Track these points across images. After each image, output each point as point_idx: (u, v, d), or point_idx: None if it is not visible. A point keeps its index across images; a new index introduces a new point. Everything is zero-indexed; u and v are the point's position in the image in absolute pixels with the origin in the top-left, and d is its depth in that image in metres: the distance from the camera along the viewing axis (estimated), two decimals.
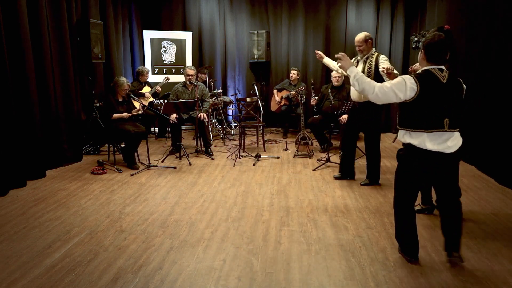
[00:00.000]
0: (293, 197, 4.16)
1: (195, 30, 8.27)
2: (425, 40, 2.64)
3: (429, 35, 2.66)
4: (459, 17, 5.75)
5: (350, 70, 2.84)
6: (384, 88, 2.62)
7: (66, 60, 5.35)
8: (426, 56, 2.62)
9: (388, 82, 2.64)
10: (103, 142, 6.28)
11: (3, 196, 4.16)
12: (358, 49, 4.38)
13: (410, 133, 2.61)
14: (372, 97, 2.69)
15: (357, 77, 2.76)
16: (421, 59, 2.67)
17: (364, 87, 2.71)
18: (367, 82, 2.72)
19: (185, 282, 2.56)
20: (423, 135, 2.56)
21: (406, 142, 2.64)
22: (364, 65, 4.35)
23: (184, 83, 6.26)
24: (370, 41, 4.34)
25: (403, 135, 2.67)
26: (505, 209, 3.82)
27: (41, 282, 2.56)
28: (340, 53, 2.97)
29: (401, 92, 2.55)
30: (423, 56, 2.64)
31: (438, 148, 2.55)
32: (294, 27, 8.21)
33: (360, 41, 4.34)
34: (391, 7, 7.83)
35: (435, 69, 2.59)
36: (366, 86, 2.70)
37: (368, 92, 2.70)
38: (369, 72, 4.29)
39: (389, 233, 3.27)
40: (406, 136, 2.64)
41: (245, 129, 6.38)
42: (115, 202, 4.00)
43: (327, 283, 2.56)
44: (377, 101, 2.71)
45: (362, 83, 2.72)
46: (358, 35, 4.39)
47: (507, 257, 2.88)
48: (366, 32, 4.43)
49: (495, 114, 4.74)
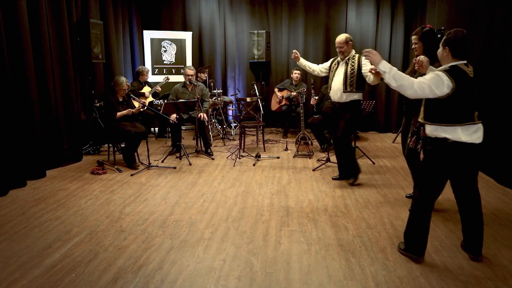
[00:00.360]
0: (293, 197, 4.16)
1: (195, 30, 8.27)
2: (448, 37, 2.67)
3: (451, 32, 2.69)
4: (459, 17, 5.75)
5: (383, 66, 2.72)
6: (422, 84, 2.60)
7: (66, 60, 5.35)
8: (452, 52, 2.66)
9: (424, 78, 2.63)
10: (103, 142, 6.28)
11: (3, 196, 4.16)
12: (339, 51, 4.38)
13: (443, 127, 2.64)
14: (410, 93, 2.65)
15: (393, 73, 2.67)
16: (445, 55, 2.70)
17: (403, 83, 2.64)
18: (406, 78, 2.66)
19: (185, 282, 2.56)
20: (457, 129, 2.62)
21: (440, 136, 2.66)
22: (346, 67, 4.34)
23: (183, 83, 6.26)
24: (350, 42, 4.37)
25: (435, 130, 2.68)
26: (505, 209, 3.82)
27: (41, 282, 2.56)
28: (367, 49, 2.84)
29: (438, 88, 2.57)
30: (447, 53, 2.68)
31: (470, 139, 2.63)
32: (294, 27, 8.21)
33: (341, 42, 4.34)
34: (391, 7, 7.83)
35: (462, 64, 2.66)
36: (405, 83, 2.64)
37: (407, 88, 2.64)
38: (352, 73, 4.29)
39: (389, 233, 3.27)
40: (439, 131, 2.66)
41: (245, 129, 6.38)
42: (115, 202, 4.00)
43: (327, 283, 2.56)
44: (413, 97, 2.68)
45: (401, 79, 2.66)
46: (339, 36, 4.39)
47: (507, 257, 2.88)
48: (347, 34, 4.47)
49: (495, 114, 4.74)
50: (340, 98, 4.41)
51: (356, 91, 4.33)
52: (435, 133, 2.69)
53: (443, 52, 2.71)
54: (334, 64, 4.54)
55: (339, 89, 4.38)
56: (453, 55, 2.66)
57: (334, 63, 4.55)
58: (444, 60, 2.73)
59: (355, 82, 4.30)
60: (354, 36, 8.08)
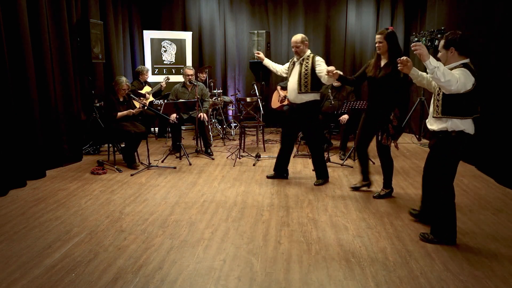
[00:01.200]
0: (293, 197, 4.16)
1: (195, 30, 8.27)
2: (452, 38, 2.86)
3: (449, 34, 2.89)
4: (459, 17, 5.75)
5: (432, 61, 2.74)
6: (460, 80, 2.75)
7: (66, 60, 5.35)
8: (459, 51, 2.86)
9: (457, 75, 2.76)
10: (103, 142, 6.28)
11: (3, 196, 4.16)
12: (295, 51, 4.33)
13: (462, 120, 2.88)
14: (454, 88, 2.75)
15: (442, 69, 2.72)
16: (451, 56, 2.88)
17: (451, 78, 2.72)
18: (451, 74, 2.75)
19: (185, 282, 2.56)
20: (469, 121, 2.90)
21: (459, 129, 2.88)
22: (301, 67, 4.29)
23: (183, 83, 6.26)
24: (306, 42, 4.34)
25: (453, 123, 2.88)
26: (505, 209, 3.82)
27: (41, 282, 2.56)
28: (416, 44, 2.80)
29: (467, 84, 2.76)
30: (453, 52, 2.87)
31: (472, 131, 2.94)
32: (294, 27, 8.21)
33: (297, 42, 4.29)
34: (391, 7, 7.83)
35: (469, 62, 2.88)
36: (452, 78, 2.73)
37: (452, 84, 2.73)
38: (306, 73, 4.26)
39: (389, 233, 3.27)
40: (458, 124, 2.88)
41: (245, 129, 6.39)
42: (115, 202, 4.00)
43: (327, 283, 2.56)
44: (454, 91, 2.79)
45: (449, 74, 2.73)
46: (295, 36, 4.34)
47: (507, 257, 2.88)
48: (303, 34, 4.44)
49: (495, 114, 4.74)
50: (295, 99, 4.37)
51: (311, 91, 4.28)
52: (453, 127, 2.88)
53: (448, 53, 2.88)
54: (291, 65, 4.49)
55: (294, 90, 4.34)
56: (460, 53, 2.86)
57: (291, 63, 4.49)
58: (450, 61, 2.89)
59: (310, 83, 4.25)
60: (354, 36, 8.12)
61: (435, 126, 3.00)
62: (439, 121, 2.95)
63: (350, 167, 5.26)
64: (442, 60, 2.92)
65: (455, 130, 2.89)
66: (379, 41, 3.77)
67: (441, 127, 2.94)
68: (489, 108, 4.88)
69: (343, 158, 5.61)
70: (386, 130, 3.81)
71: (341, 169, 5.23)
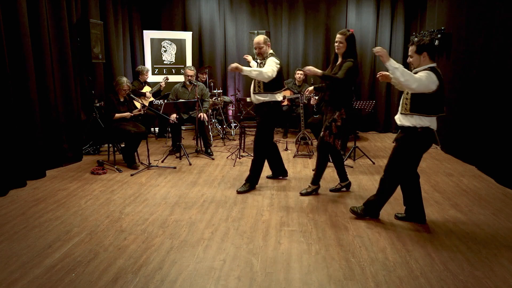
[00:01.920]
0: (293, 197, 4.16)
1: (195, 30, 8.27)
2: (425, 42, 3.16)
3: (425, 38, 3.22)
4: (459, 17, 5.75)
5: (392, 63, 3.05)
6: (421, 81, 3.03)
7: (66, 60, 5.35)
8: (430, 55, 3.16)
9: (420, 76, 3.06)
10: (103, 142, 6.28)
11: (3, 196, 4.16)
12: (258, 52, 4.27)
13: (427, 118, 3.15)
14: (413, 87, 3.04)
15: (401, 69, 3.02)
16: (423, 60, 3.17)
17: (409, 78, 3.01)
18: (411, 74, 3.04)
19: (185, 282, 2.56)
20: (433, 119, 3.18)
21: (424, 125, 3.15)
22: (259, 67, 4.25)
23: (183, 83, 6.26)
24: (269, 43, 4.31)
25: (420, 120, 3.15)
26: (505, 209, 3.82)
27: (41, 282, 2.56)
28: (377, 47, 3.11)
29: (430, 85, 3.05)
30: (425, 57, 3.15)
31: (435, 127, 3.21)
32: (294, 27, 8.21)
33: (260, 43, 4.24)
34: (391, 7, 7.83)
35: (436, 65, 3.17)
36: (410, 78, 3.02)
37: (411, 83, 3.02)
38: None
39: (389, 233, 3.27)
40: (424, 120, 3.15)
41: (245, 129, 6.38)
42: (115, 202, 4.00)
43: (327, 283, 2.56)
44: (414, 91, 3.08)
45: (407, 75, 3.02)
46: (257, 37, 4.29)
47: (507, 257, 2.88)
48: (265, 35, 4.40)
49: (495, 114, 4.74)
50: (253, 99, 4.35)
51: (264, 92, 4.21)
52: (420, 123, 3.15)
53: (421, 58, 3.16)
54: (258, 66, 4.41)
55: (251, 90, 4.33)
56: (431, 57, 3.16)
57: (258, 64, 4.41)
58: (422, 64, 3.18)
59: (262, 83, 4.19)
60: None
61: (403, 121, 3.24)
62: (407, 118, 3.21)
63: (350, 167, 5.26)
64: (415, 64, 3.20)
65: (422, 126, 3.15)
66: (340, 41, 3.90)
67: (409, 123, 3.19)
68: (489, 108, 4.89)
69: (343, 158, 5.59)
70: (329, 128, 4.00)
71: None
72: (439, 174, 4.99)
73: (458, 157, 5.76)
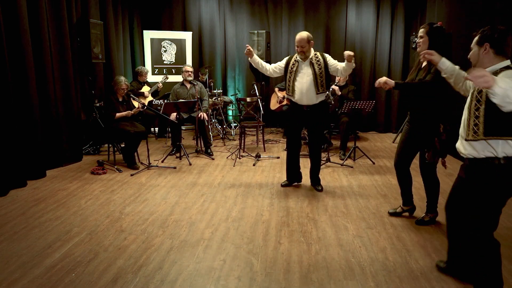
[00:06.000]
0: (293, 197, 4.16)
1: (195, 30, 8.27)
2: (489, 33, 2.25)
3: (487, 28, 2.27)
4: (459, 17, 5.76)
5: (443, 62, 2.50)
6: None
7: (66, 60, 5.35)
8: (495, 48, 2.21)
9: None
10: (103, 142, 6.28)
11: (3, 196, 4.16)
12: (301, 51, 4.05)
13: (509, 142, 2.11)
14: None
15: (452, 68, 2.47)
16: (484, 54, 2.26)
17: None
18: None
19: (185, 282, 2.56)
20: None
21: (510, 154, 2.11)
22: (313, 68, 4.08)
23: (182, 82, 6.28)
24: (312, 42, 4.09)
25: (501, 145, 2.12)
26: (505, 209, 3.81)
27: (41, 282, 2.56)
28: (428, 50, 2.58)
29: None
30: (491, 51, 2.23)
31: None
32: (294, 27, 8.20)
33: (303, 41, 4.01)
34: (391, 7, 7.82)
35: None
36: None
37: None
38: (321, 73, 4.08)
39: (389, 233, 3.27)
40: (506, 147, 2.11)
41: (245, 129, 6.39)
42: (115, 202, 4.00)
43: (327, 283, 2.56)
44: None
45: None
46: (299, 34, 4.04)
47: (507, 257, 2.88)
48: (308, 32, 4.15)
49: None
50: (311, 100, 4.16)
51: (326, 90, 4.20)
52: (505, 150, 2.11)
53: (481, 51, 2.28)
54: (294, 65, 4.20)
55: (311, 91, 4.12)
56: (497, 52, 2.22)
57: (293, 63, 4.21)
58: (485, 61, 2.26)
59: (325, 82, 4.13)
60: (354, 36, 8.11)
61: (472, 151, 2.21)
62: (480, 145, 2.17)
63: (350, 167, 5.26)
64: (473, 60, 2.33)
65: (507, 155, 2.10)
66: (421, 35, 3.19)
67: (483, 154, 2.16)
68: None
69: (343, 158, 5.61)
70: (432, 145, 3.17)
71: (341, 169, 5.23)
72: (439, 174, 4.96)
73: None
